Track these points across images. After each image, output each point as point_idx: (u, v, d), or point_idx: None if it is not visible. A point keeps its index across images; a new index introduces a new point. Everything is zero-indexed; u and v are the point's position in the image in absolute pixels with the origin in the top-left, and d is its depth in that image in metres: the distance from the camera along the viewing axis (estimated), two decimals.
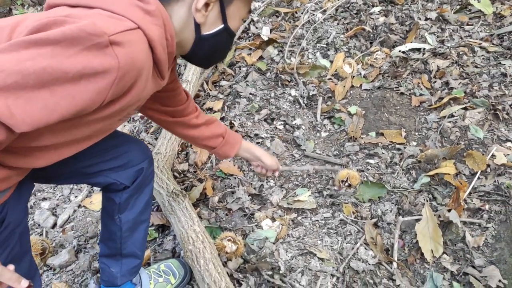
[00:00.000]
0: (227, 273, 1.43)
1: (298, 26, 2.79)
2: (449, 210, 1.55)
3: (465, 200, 1.64)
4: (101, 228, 1.34)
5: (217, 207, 1.77)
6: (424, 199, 1.68)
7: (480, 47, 2.32)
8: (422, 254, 1.50)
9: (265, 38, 2.74)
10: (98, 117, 0.78)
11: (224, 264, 1.49)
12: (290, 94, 2.33)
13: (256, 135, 2.11)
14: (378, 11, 2.74)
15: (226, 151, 1.38)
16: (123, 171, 1.18)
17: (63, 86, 0.66)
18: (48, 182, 1.20)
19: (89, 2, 0.75)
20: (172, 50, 0.86)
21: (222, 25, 0.93)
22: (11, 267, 0.76)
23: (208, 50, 0.97)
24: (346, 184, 1.76)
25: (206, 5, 0.87)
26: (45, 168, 0.91)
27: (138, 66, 0.73)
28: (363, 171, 1.86)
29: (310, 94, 2.30)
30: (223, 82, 2.51)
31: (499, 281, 1.35)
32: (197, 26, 0.90)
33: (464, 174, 1.74)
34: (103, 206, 1.30)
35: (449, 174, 1.73)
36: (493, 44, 2.34)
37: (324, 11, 2.87)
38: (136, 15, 0.75)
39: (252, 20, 2.93)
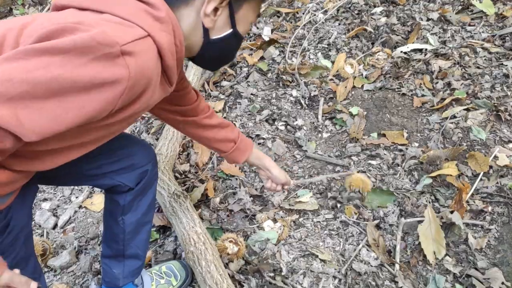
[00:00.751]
0: (229, 274, 1.42)
1: (299, 26, 2.78)
2: (451, 212, 1.55)
3: (467, 201, 1.63)
4: (103, 229, 1.33)
5: (218, 208, 1.77)
6: (426, 201, 1.67)
7: (482, 48, 2.32)
8: (424, 256, 1.50)
9: (266, 39, 2.73)
10: (106, 124, 0.78)
11: (226, 266, 1.49)
12: (291, 95, 2.32)
13: (257, 135, 2.10)
14: (380, 12, 2.74)
15: (235, 157, 1.35)
16: (127, 173, 1.17)
17: (72, 96, 0.65)
18: (52, 183, 1.19)
19: (99, 7, 0.74)
20: (181, 56, 0.85)
21: (231, 30, 0.92)
22: (17, 271, 0.78)
23: (216, 53, 0.96)
24: (357, 190, 1.72)
25: (215, 9, 0.86)
26: (50, 170, 0.90)
27: (148, 75, 0.73)
28: (364, 172, 1.86)
29: (312, 94, 2.29)
30: (224, 83, 2.50)
31: (502, 283, 1.34)
32: (206, 31, 0.89)
33: (467, 176, 1.73)
34: (106, 207, 1.29)
35: (451, 175, 1.72)
36: (495, 45, 2.33)
37: (326, 12, 2.87)
38: (146, 22, 0.74)
39: None
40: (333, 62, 2.48)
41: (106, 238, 1.33)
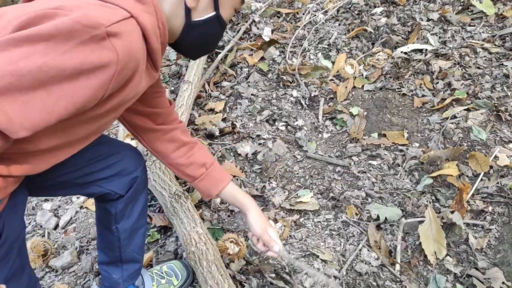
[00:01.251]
0: (230, 275, 1.42)
1: (299, 27, 2.79)
2: (452, 212, 1.55)
3: (468, 201, 1.63)
4: (97, 237, 1.31)
5: (219, 208, 1.77)
6: (427, 201, 1.68)
7: (482, 48, 2.32)
8: (425, 256, 1.50)
9: (267, 39, 2.74)
10: (95, 115, 0.75)
11: (227, 266, 1.49)
12: (291, 95, 2.33)
13: (258, 136, 2.10)
14: (380, 12, 2.74)
15: (206, 187, 1.17)
16: (117, 181, 1.13)
17: (60, 84, 0.62)
18: (42, 194, 1.14)
19: None
20: (164, 40, 0.83)
21: (214, 13, 0.89)
22: (3, 286, 0.75)
23: (197, 38, 0.92)
24: None
25: None
26: (39, 180, 0.87)
27: (135, 57, 0.70)
28: (365, 172, 1.86)
29: (312, 95, 2.30)
30: (224, 83, 2.51)
31: (503, 283, 1.35)
32: (188, 11, 0.86)
33: (467, 176, 1.74)
34: (98, 217, 1.26)
35: (452, 175, 1.72)
36: (495, 45, 2.34)
37: (326, 12, 2.87)
38: (128, 3, 0.71)
39: (254, 21, 2.93)
40: (333, 63, 2.48)
41: (101, 245, 1.31)
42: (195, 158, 1.17)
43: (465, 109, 2.00)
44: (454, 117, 1.98)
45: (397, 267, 1.49)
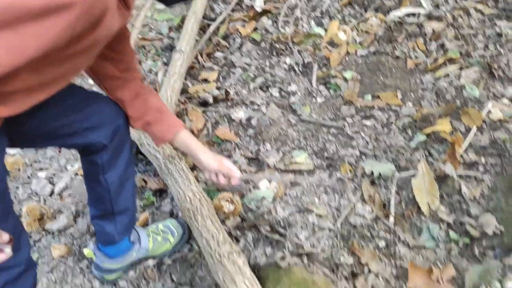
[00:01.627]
0: (225, 230, 1.43)
1: None
2: (444, 163, 1.55)
3: (461, 156, 1.64)
4: (87, 193, 1.31)
5: None
6: (420, 156, 1.68)
7: (475, 10, 2.30)
8: (418, 207, 1.51)
9: (259, 10, 2.71)
10: (70, 53, 0.75)
11: (222, 222, 1.50)
12: (285, 62, 2.31)
13: (252, 102, 2.10)
14: None
15: (161, 131, 1.22)
16: (99, 130, 1.13)
17: (27, 24, 0.61)
18: (23, 144, 1.14)
19: None
20: None
21: None
22: None
23: None
24: None
25: None
26: (21, 131, 0.87)
27: None
28: (359, 132, 1.86)
29: (305, 61, 2.29)
30: (217, 54, 2.49)
31: (495, 227, 1.36)
32: None
33: (460, 131, 1.74)
34: (85, 171, 1.27)
35: (445, 131, 1.72)
36: (488, 6, 2.32)
37: None
38: None
39: None
40: (326, 30, 2.46)
41: (92, 200, 1.32)
42: (152, 104, 1.21)
43: (458, 68, 1.99)
44: (447, 76, 1.98)
45: (391, 219, 1.50)
